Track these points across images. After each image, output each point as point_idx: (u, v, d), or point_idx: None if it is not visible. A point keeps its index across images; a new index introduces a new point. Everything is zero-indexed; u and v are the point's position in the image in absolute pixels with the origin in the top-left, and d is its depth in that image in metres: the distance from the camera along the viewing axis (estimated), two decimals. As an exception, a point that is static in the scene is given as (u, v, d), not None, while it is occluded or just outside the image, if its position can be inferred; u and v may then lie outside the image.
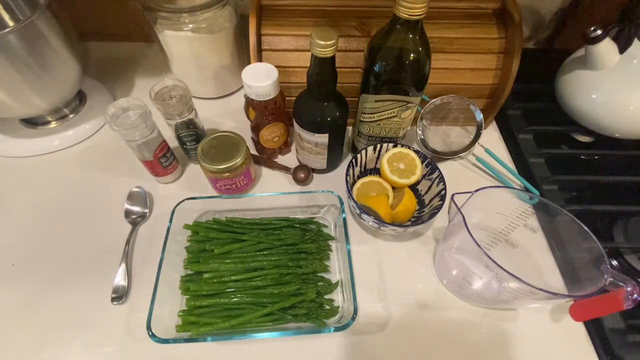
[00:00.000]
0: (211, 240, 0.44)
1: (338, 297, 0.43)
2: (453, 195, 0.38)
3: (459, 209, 0.36)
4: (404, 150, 0.49)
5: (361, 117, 0.48)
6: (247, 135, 0.54)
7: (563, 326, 0.42)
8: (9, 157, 0.55)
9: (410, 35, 0.38)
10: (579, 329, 0.42)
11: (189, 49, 0.55)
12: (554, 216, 0.40)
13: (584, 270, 0.37)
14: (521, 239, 0.44)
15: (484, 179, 0.55)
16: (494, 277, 0.35)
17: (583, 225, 0.36)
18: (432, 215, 0.43)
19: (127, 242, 0.46)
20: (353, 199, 0.44)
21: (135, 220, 0.48)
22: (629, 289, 0.31)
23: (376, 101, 0.45)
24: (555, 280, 0.42)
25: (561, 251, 0.44)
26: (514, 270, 0.32)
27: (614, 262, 0.46)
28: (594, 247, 0.35)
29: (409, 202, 0.46)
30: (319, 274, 0.44)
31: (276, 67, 0.45)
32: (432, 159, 0.48)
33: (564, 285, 0.41)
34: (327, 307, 0.41)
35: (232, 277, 0.42)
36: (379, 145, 0.50)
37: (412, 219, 0.48)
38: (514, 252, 0.44)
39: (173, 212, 0.43)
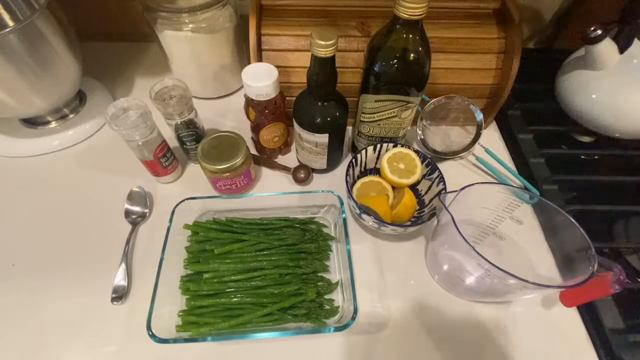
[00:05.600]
0: (211, 240, 0.44)
1: (338, 297, 0.43)
2: (440, 194, 0.38)
3: (446, 209, 0.36)
4: (404, 150, 0.49)
5: (361, 117, 0.48)
6: (247, 135, 0.54)
7: (563, 326, 0.42)
8: (9, 157, 0.55)
9: (410, 35, 0.38)
10: (579, 328, 0.42)
11: (189, 49, 0.55)
12: (545, 210, 0.40)
13: (571, 258, 0.37)
14: (508, 231, 0.44)
15: (484, 179, 0.55)
16: (485, 273, 0.35)
17: (568, 216, 0.37)
18: (432, 215, 0.43)
19: (127, 242, 0.46)
20: (353, 199, 0.44)
21: (135, 220, 0.48)
22: (615, 273, 0.31)
23: (376, 101, 0.45)
24: (543, 269, 0.42)
25: (548, 241, 0.44)
26: (503, 262, 0.32)
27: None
28: (578, 234, 0.35)
29: (409, 202, 0.46)
30: (319, 274, 0.44)
31: (276, 67, 0.45)
32: (432, 159, 0.48)
33: (552, 274, 0.41)
34: (327, 307, 0.41)
35: (232, 277, 0.42)
36: (379, 145, 0.50)
37: (412, 219, 0.48)
38: (502, 243, 0.45)
39: (173, 212, 0.43)
